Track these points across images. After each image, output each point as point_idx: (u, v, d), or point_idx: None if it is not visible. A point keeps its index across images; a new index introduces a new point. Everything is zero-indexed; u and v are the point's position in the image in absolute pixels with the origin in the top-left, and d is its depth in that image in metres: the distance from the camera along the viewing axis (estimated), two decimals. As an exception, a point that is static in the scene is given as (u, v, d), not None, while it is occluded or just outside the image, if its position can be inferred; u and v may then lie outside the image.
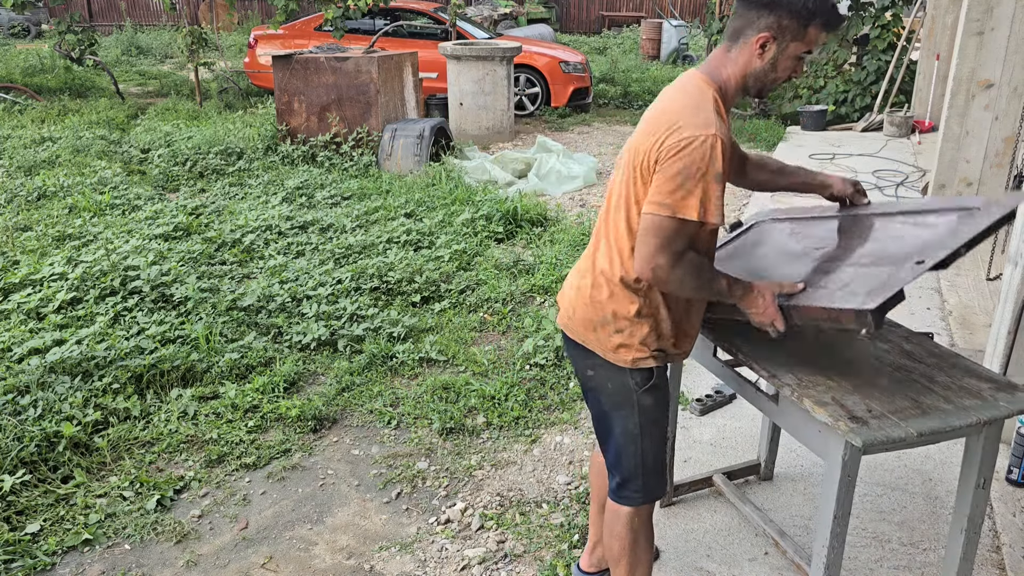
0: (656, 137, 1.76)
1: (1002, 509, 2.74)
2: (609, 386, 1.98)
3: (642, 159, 1.79)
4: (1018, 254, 2.95)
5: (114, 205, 6.15)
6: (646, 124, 1.84)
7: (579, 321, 1.97)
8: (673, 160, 1.71)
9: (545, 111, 10.46)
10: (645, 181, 1.79)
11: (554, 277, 4.78)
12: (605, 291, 1.91)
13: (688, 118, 1.74)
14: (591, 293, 1.94)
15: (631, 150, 1.86)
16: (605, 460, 2.10)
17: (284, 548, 2.74)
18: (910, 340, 2.19)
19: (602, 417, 2.04)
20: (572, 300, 2.00)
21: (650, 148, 1.76)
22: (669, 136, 1.73)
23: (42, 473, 3.00)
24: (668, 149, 1.72)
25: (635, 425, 1.98)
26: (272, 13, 19.06)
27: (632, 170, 1.82)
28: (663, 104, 1.85)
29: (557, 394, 3.64)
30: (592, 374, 2.00)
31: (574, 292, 2.00)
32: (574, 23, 21.37)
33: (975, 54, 5.71)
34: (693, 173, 1.70)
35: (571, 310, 2.00)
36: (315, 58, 7.55)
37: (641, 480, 2.03)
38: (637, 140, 1.84)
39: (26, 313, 4.21)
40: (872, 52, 9.60)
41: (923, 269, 1.69)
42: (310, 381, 3.80)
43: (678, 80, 1.91)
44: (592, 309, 1.93)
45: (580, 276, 2.01)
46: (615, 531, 2.08)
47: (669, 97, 1.86)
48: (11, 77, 11.84)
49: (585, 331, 1.96)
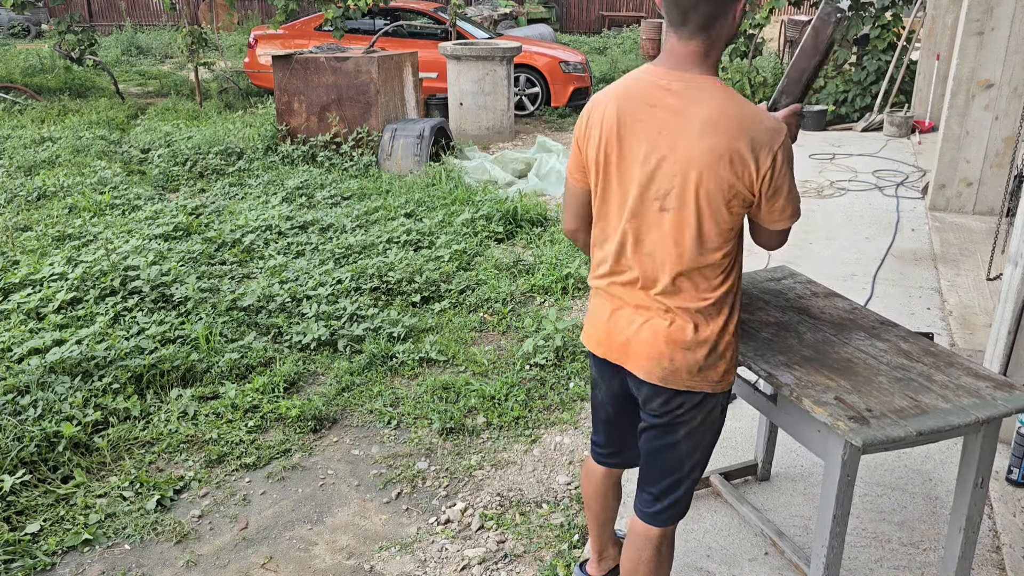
0: (740, 170, 1.66)
1: (1002, 509, 2.74)
2: (698, 419, 1.86)
3: (737, 192, 1.68)
4: (1018, 254, 2.95)
5: (114, 205, 6.15)
6: (704, 157, 1.66)
7: (683, 369, 1.78)
8: (780, 179, 1.69)
9: (545, 111, 10.46)
10: (744, 209, 1.73)
11: (554, 277, 4.78)
12: (704, 326, 1.78)
13: (759, 131, 1.66)
14: (689, 336, 1.77)
15: (700, 186, 1.68)
16: (650, 488, 1.97)
17: (284, 548, 2.74)
18: (908, 340, 2.19)
19: (668, 451, 1.90)
20: (659, 351, 1.79)
21: (745, 180, 1.67)
22: (759, 161, 1.65)
23: (42, 473, 3.00)
24: (770, 175, 1.67)
25: (705, 450, 1.92)
26: (272, 13, 19.06)
27: (724, 206, 1.70)
28: (710, 126, 1.66)
29: (557, 394, 3.64)
30: (681, 412, 1.84)
31: (652, 341, 1.80)
32: (574, 23, 21.36)
33: (975, 54, 5.71)
34: (793, 177, 1.73)
35: (665, 361, 1.79)
36: (315, 58, 7.56)
37: (685, 501, 1.97)
38: (701, 177, 1.67)
39: (26, 313, 4.21)
40: (872, 52, 9.60)
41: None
42: (310, 381, 3.80)
43: (690, 90, 1.70)
44: (698, 350, 1.78)
45: (644, 320, 1.82)
46: (643, 556, 1.99)
47: (710, 118, 1.66)
48: (11, 77, 11.84)
49: (691, 376, 1.79)
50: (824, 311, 2.37)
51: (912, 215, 6.01)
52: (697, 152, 1.67)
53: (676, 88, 1.71)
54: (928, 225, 5.77)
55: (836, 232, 5.64)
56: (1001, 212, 5.07)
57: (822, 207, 6.22)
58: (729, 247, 1.76)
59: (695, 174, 1.68)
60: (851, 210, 6.13)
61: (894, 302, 4.46)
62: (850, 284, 4.70)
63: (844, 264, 5.04)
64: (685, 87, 1.70)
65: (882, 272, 4.90)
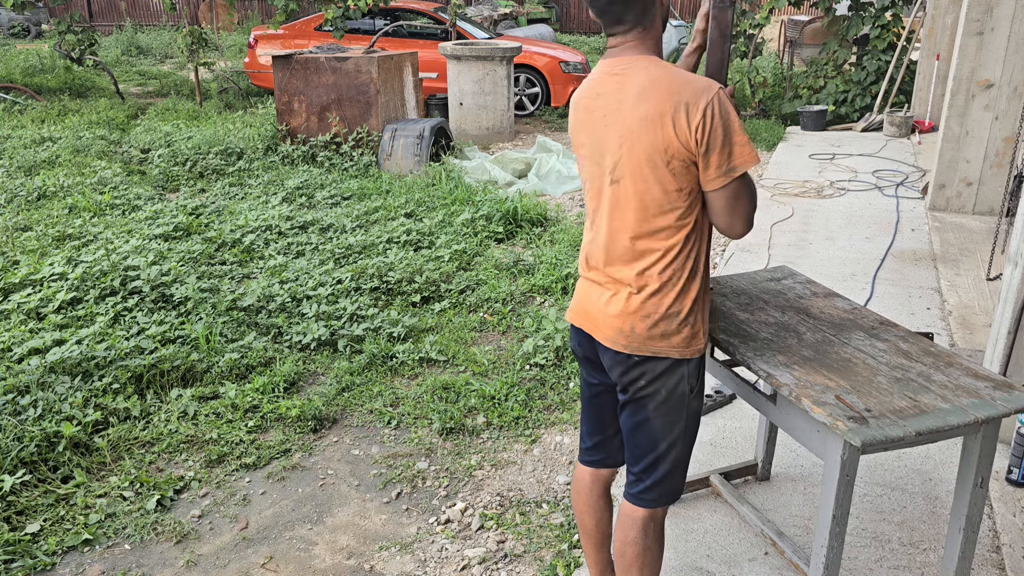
0: (675, 125, 1.71)
1: (1002, 509, 2.74)
2: (663, 393, 1.90)
3: (675, 152, 1.73)
4: (1018, 254, 2.95)
5: (114, 205, 6.15)
6: (643, 119, 1.74)
7: (643, 336, 1.85)
8: (714, 132, 1.70)
9: (545, 111, 10.47)
10: (688, 170, 1.75)
11: (554, 277, 4.78)
12: (665, 294, 1.84)
13: (687, 90, 1.71)
14: (650, 302, 1.84)
15: (641, 152, 1.76)
16: (633, 468, 2.01)
17: (284, 548, 2.74)
18: (907, 340, 2.19)
19: (642, 425, 1.95)
20: (624, 323, 1.87)
21: (680, 138, 1.71)
22: (691, 117, 1.70)
23: (42, 473, 3.00)
24: (700, 127, 1.70)
25: (680, 430, 1.94)
26: (272, 13, 19.07)
27: (665, 167, 1.75)
28: (645, 95, 1.75)
29: (557, 394, 3.64)
30: (644, 384, 1.90)
31: (619, 312, 1.87)
32: (574, 23, 21.36)
33: (975, 54, 5.71)
34: (731, 128, 1.72)
35: (627, 329, 1.86)
36: (315, 58, 7.56)
37: (668, 483, 1.99)
38: (646, 139, 1.75)
39: (26, 313, 4.22)
40: (872, 52, 9.60)
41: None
42: (310, 381, 3.80)
43: (628, 70, 1.80)
44: (658, 317, 1.84)
45: (612, 293, 1.89)
46: (627, 536, 2.02)
47: (639, 86, 1.76)
48: (11, 77, 11.85)
49: (653, 342, 1.85)
50: (824, 311, 2.37)
51: (912, 215, 6.01)
52: (632, 119, 1.77)
53: (617, 71, 1.84)
54: (928, 225, 5.77)
55: (836, 232, 5.64)
56: (1001, 212, 5.07)
57: (822, 207, 6.22)
58: (680, 210, 1.81)
59: (633, 141, 1.78)
60: (851, 210, 6.13)
61: (894, 302, 4.46)
62: (850, 284, 4.70)
63: (844, 264, 5.04)
64: (624, 68, 1.83)
65: (882, 272, 4.90)
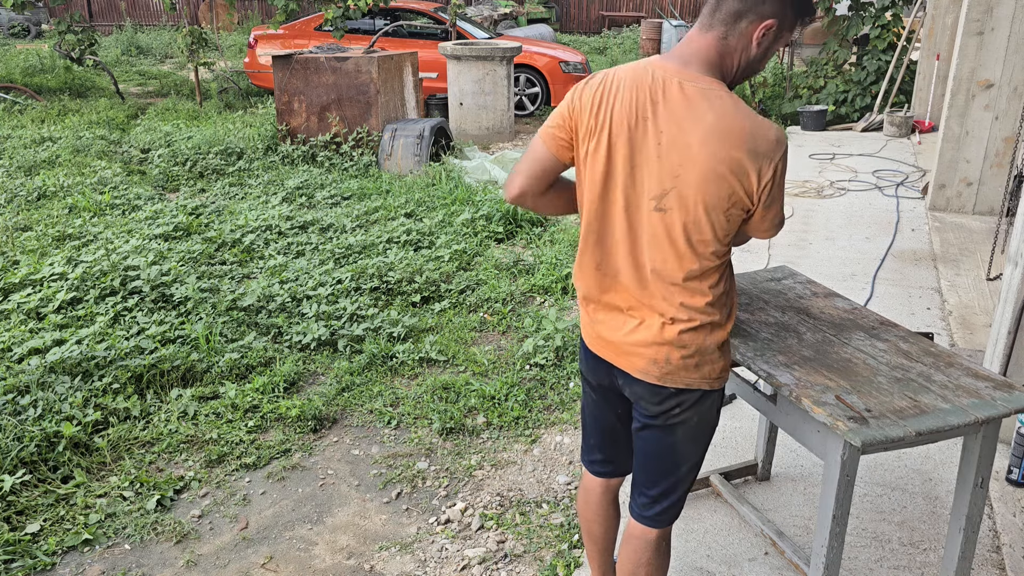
0: (744, 178, 1.65)
1: (1002, 509, 2.74)
2: (695, 419, 1.85)
3: (737, 201, 1.68)
4: (1018, 254, 2.95)
5: (114, 205, 6.15)
6: (706, 161, 1.64)
7: (679, 366, 1.78)
8: (776, 189, 1.70)
9: (545, 111, 10.46)
10: (742, 215, 1.72)
11: (554, 277, 4.78)
12: (708, 331, 1.78)
13: (762, 141, 1.64)
14: (688, 335, 1.76)
15: (696, 192, 1.66)
16: (647, 491, 1.95)
17: (284, 548, 2.74)
18: (908, 340, 2.19)
19: (666, 453, 1.89)
20: (657, 353, 1.78)
21: (746, 189, 1.67)
22: (762, 172, 1.65)
23: (42, 473, 3.00)
24: (769, 185, 1.67)
25: (703, 451, 1.92)
26: (272, 13, 19.06)
27: (723, 213, 1.68)
28: (716, 132, 1.63)
29: (557, 394, 3.64)
30: (678, 412, 1.83)
31: (650, 340, 1.78)
32: (574, 23, 21.35)
33: (975, 54, 5.71)
34: (784, 183, 1.73)
35: (661, 359, 1.78)
36: (315, 58, 7.56)
37: (682, 501, 1.97)
38: (703, 182, 1.65)
39: (26, 313, 4.21)
40: (872, 52, 9.60)
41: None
42: (310, 381, 3.80)
43: (705, 92, 1.66)
44: (694, 349, 1.77)
45: (638, 322, 1.80)
46: (643, 558, 1.98)
47: (711, 119, 1.64)
48: (11, 77, 11.84)
49: (689, 373, 1.79)
50: (824, 311, 2.37)
51: (912, 215, 6.01)
52: (700, 156, 1.64)
53: (686, 88, 1.66)
54: (928, 225, 5.77)
55: (836, 232, 5.64)
56: (1001, 212, 5.07)
57: (822, 207, 6.22)
58: (725, 252, 1.75)
59: (696, 178, 1.65)
60: (851, 210, 6.13)
61: (894, 302, 4.46)
62: (850, 284, 4.70)
63: (844, 264, 5.04)
64: (694, 88, 1.66)
65: (882, 272, 4.90)
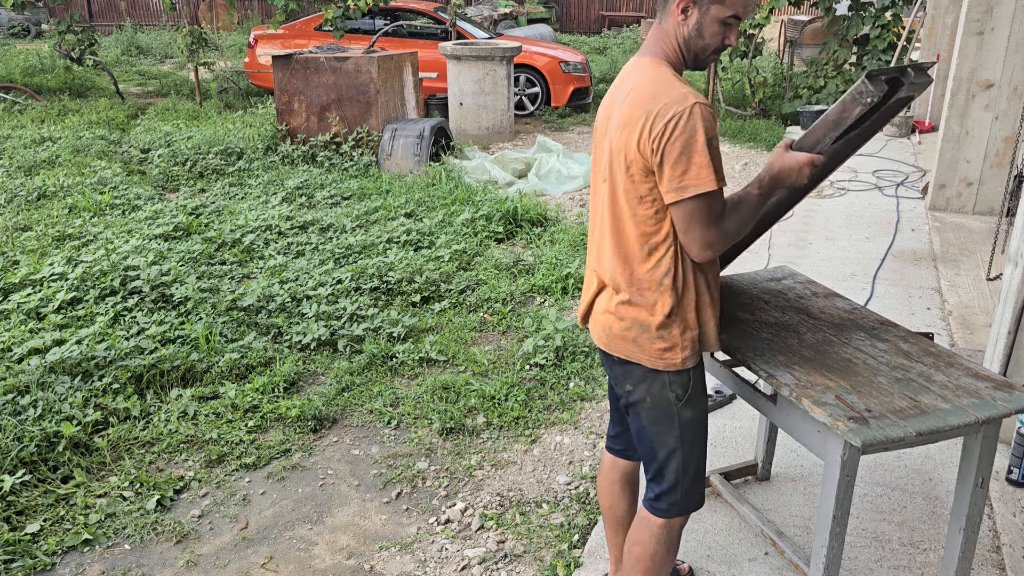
0: (639, 132, 1.71)
1: (1002, 509, 2.74)
2: (648, 400, 1.92)
3: (633, 158, 1.74)
4: (1018, 254, 2.95)
5: (114, 205, 6.15)
6: (620, 123, 1.78)
7: (619, 337, 1.90)
8: (670, 144, 1.68)
9: (545, 111, 10.46)
10: (647, 178, 1.74)
11: (554, 277, 4.78)
12: (634, 304, 1.86)
13: (662, 99, 1.70)
14: (622, 308, 1.88)
15: (614, 155, 1.80)
16: (646, 475, 2.03)
17: (284, 548, 2.74)
18: (908, 340, 2.19)
19: (641, 433, 1.98)
20: (606, 320, 1.93)
21: (640, 145, 1.72)
22: (654, 125, 1.69)
23: (42, 473, 3.00)
24: (660, 137, 1.68)
25: (676, 439, 1.93)
26: (272, 13, 19.07)
27: (625, 173, 1.77)
28: (628, 98, 1.78)
29: (557, 394, 3.64)
30: (631, 389, 1.94)
31: (602, 311, 1.94)
32: (574, 23, 21.35)
33: (975, 54, 5.71)
34: (694, 147, 1.67)
35: (607, 328, 1.93)
36: (315, 58, 7.56)
37: (679, 493, 1.98)
38: (617, 142, 1.78)
39: (26, 313, 4.21)
40: (872, 52, 9.59)
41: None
42: (310, 381, 3.80)
43: (628, 70, 1.86)
44: (628, 323, 1.87)
45: (594, 292, 1.97)
46: (638, 536, 2.03)
47: (629, 88, 1.79)
48: (11, 77, 11.84)
49: (627, 345, 1.89)
50: (824, 311, 2.37)
51: (912, 215, 6.01)
52: (614, 121, 1.80)
53: (630, 68, 1.87)
54: (928, 225, 5.77)
55: (836, 232, 5.64)
56: (1001, 212, 5.07)
57: (822, 207, 6.22)
58: (648, 220, 1.78)
59: (611, 142, 1.81)
60: (851, 210, 6.13)
61: (894, 302, 4.46)
62: (850, 284, 4.70)
63: (844, 264, 5.04)
64: (634, 67, 1.85)
65: (882, 272, 4.90)
